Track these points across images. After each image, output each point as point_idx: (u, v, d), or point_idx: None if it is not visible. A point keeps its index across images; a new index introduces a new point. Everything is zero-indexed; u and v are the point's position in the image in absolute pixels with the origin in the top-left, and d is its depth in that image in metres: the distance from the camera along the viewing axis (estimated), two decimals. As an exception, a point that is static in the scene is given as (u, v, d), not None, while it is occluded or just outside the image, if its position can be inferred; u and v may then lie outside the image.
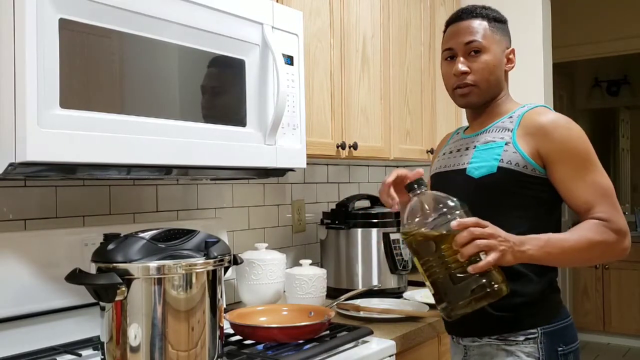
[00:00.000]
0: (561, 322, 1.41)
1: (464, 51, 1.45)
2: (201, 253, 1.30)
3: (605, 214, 1.34)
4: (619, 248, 1.35)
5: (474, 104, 1.49)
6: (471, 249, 1.17)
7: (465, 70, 1.44)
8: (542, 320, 1.39)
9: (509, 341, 1.39)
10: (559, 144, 1.37)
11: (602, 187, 1.37)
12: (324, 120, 2.03)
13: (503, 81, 1.50)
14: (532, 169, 1.38)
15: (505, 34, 1.50)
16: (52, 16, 1.15)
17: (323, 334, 1.57)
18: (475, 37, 1.44)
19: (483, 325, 1.42)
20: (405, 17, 2.53)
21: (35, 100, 1.11)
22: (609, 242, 1.33)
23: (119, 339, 1.23)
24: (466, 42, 1.45)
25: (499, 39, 1.47)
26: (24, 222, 1.56)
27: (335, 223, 2.26)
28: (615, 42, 4.61)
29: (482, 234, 1.18)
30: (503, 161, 1.39)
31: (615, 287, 5.23)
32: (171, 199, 1.95)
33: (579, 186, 1.37)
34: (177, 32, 1.39)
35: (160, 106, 1.36)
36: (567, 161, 1.37)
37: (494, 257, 1.17)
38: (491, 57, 1.44)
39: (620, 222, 1.35)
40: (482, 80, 1.45)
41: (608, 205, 1.35)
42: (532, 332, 1.38)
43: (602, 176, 1.38)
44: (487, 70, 1.44)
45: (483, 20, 1.46)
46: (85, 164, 1.22)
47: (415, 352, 1.80)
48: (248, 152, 1.56)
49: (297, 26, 1.75)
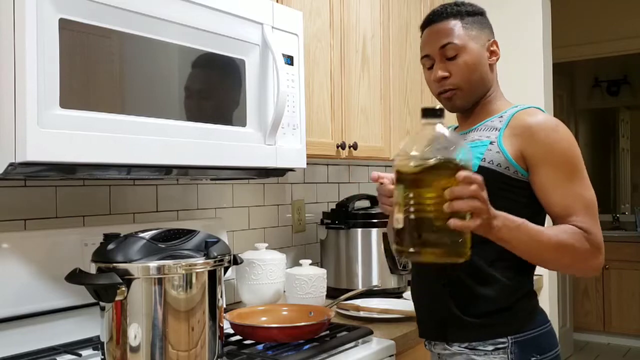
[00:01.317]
0: (535, 329, 1.34)
1: (440, 56, 1.39)
2: (201, 253, 1.30)
3: (585, 224, 1.27)
4: (591, 262, 1.27)
5: (461, 107, 1.44)
6: (463, 205, 1.04)
7: (443, 75, 1.39)
8: (513, 328, 1.32)
9: (477, 351, 1.34)
10: (543, 146, 1.30)
11: (585, 197, 1.29)
12: (324, 120, 2.04)
13: (489, 77, 1.42)
14: (514, 171, 1.32)
15: (483, 26, 1.42)
16: (52, 16, 1.15)
17: (323, 334, 1.57)
18: (449, 39, 1.38)
19: (451, 330, 1.37)
20: (405, 17, 2.53)
21: (35, 100, 1.11)
22: (582, 252, 1.25)
23: (119, 339, 1.23)
24: (440, 46, 1.38)
25: (475, 35, 1.40)
26: (24, 222, 1.56)
27: (335, 223, 2.26)
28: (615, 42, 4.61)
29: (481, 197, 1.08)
30: (485, 160, 1.33)
31: (615, 287, 5.23)
32: (171, 199, 1.95)
33: (559, 192, 1.30)
34: (177, 32, 1.39)
35: (160, 106, 1.36)
36: (550, 165, 1.30)
37: (477, 224, 1.07)
38: (469, 56, 1.38)
39: (598, 237, 1.27)
40: (464, 82, 1.39)
41: (589, 216, 1.28)
42: (501, 341, 1.32)
43: (586, 188, 1.31)
44: (467, 70, 1.38)
45: (455, 19, 1.39)
46: (85, 164, 1.22)
47: (415, 352, 1.80)
48: (248, 152, 1.56)
49: (297, 26, 1.75)
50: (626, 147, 6.37)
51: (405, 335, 1.73)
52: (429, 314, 1.43)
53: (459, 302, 1.36)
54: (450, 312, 1.36)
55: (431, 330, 1.43)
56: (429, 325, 1.44)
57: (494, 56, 1.44)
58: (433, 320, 1.42)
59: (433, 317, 1.42)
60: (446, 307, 1.37)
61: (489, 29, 1.45)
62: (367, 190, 2.83)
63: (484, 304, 1.33)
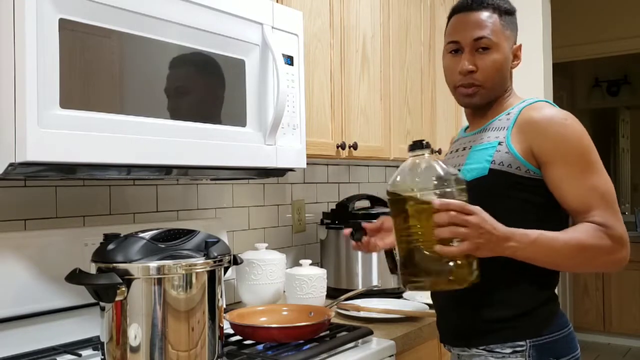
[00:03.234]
0: (554, 334, 1.31)
1: (471, 47, 1.33)
2: (201, 253, 1.30)
3: (603, 218, 1.22)
4: (615, 257, 1.23)
5: (476, 105, 1.40)
6: (445, 232, 1.10)
7: (471, 69, 1.33)
8: (532, 332, 1.30)
9: (495, 353, 1.31)
10: (553, 142, 1.26)
11: (602, 190, 1.25)
12: (324, 120, 2.04)
13: (508, 80, 1.40)
14: (525, 170, 1.28)
15: (514, 28, 1.38)
16: (52, 16, 1.15)
17: (323, 334, 1.57)
18: (485, 32, 1.32)
19: (470, 335, 1.35)
20: (405, 17, 2.53)
21: (35, 100, 1.11)
22: (604, 249, 1.21)
23: (119, 339, 1.23)
24: (475, 37, 1.33)
25: (509, 35, 1.36)
26: (24, 222, 1.56)
27: (335, 223, 2.26)
28: (615, 42, 4.61)
29: (462, 222, 1.11)
30: (495, 163, 1.30)
31: (615, 287, 5.23)
32: (171, 199, 1.95)
33: (574, 187, 1.25)
34: (176, 32, 1.39)
35: (160, 106, 1.36)
36: (562, 161, 1.25)
37: (465, 248, 1.11)
38: (500, 55, 1.34)
39: (619, 229, 1.23)
40: (488, 80, 1.34)
41: (607, 209, 1.23)
42: (520, 344, 1.29)
43: (601, 178, 1.26)
44: (494, 69, 1.34)
45: (494, 13, 1.34)
46: (85, 164, 1.22)
47: (415, 353, 1.79)
48: (248, 152, 1.56)
49: (297, 26, 1.74)
50: (626, 147, 6.38)
51: (405, 335, 1.73)
52: (448, 319, 1.42)
53: (477, 307, 1.34)
54: (469, 317, 1.35)
55: (449, 337, 1.42)
56: (449, 331, 1.42)
57: (517, 60, 1.41)
58: (452, 326, 1.41)
59: (452, 323, 1.41)
60: (465, 312, 1.36)
61: (517, 32, 1.41)
62: (367, 190, 2.83)
63: (503, 308, 1.31)
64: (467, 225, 1.11)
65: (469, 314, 1.35)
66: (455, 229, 1.11)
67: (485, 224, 1.14)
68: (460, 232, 1.11)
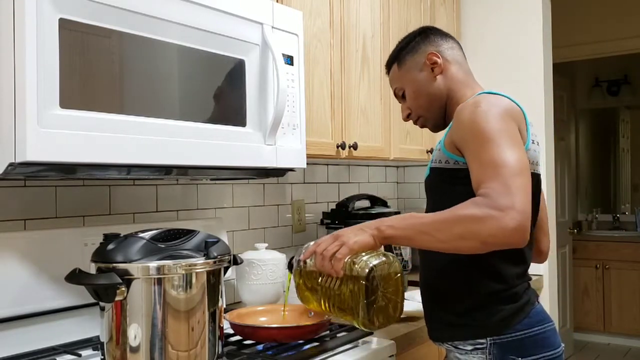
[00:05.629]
0: (520, 332, 1.32)
1: (398, 98, 1.57)
2: (201, 253, 1.30)
3: (487, 189, 1.16)
4: (495, 224, 1.12)
5: (435, 128, 1.55)
6: (324, 263, 1.27)
7: (407, 113, 1.56)
8: (491, 330, 1.33)
9: (459, 349, 1.39)
10: (463, 127, 1.30)
11: (495, 162, 1.19)
12: (324, 120, 2.03)
13: (437, 90, 1.48)
14: (454, 162, 1.34)
15: (416, 49, 1.50)
16: (52, 16, 1.15)
17: (323, 334, 1.57)
18: (394, 85, 1.57)
19: (437, 329, 1.46)
20: (405, 17, 2.53)
21: (35, 100, 1.11)
22: (479, 217, 1.14)
23: (118, 339, 1.23)
24: (393, 91, 1.58)
25: (409, 64, 1.51)
26: (24, 222, 1.56)
27: (335, 223, 2.26)
28: (615, 42, 4.60)
29: (321, 249, 1.29)
30: (435, 162, 1.41)
31: (615, 287, 5.23)
32: (171, 199, 1.95)
33: (474, 167, 1.24)
34: (176, 32, 1.39)
35: (160, 106, 1.36)
36: (468, 142, 1.27)
37: (341, 253, 1.27)
38: (411, 89, 1.51)
39: (501, 199, 1.14)
40: (420, 109, 1.52)
41: (494, 180, 1.16)
42: (480, 342, 1.34)
43: (499, 152, 1.20)
44: (415, 100, 1.51)
45: (394, 64, 1.55)
46: (85, 164, 1.22)
47: (415, 353, 1.79)
48: (248, 152, 1.56)
49: (297, 26, 1.74)
50: (626, 147, 6.37)
51: (405, 335, 1.73)
52: (426, 317, 1.52)
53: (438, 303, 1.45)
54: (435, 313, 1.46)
55: (429, 332, 1.51)
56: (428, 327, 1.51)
57: (435, 66, 1.48)
58: (427, 322, 1.51)
59: (427, 319, 1.51)
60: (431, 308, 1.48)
61: (426, 43, 1.50)
62: (367, 190, 2.83)
63: (457, 302, 1.39)
64: (316, 249, 1.31)
65: (434, 310, 1.46)
66: (323, 253, 1.29)
67: (339, 232, 1.32)
68: (328, 252, 1.28)
